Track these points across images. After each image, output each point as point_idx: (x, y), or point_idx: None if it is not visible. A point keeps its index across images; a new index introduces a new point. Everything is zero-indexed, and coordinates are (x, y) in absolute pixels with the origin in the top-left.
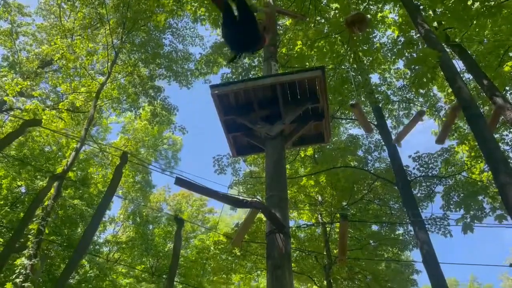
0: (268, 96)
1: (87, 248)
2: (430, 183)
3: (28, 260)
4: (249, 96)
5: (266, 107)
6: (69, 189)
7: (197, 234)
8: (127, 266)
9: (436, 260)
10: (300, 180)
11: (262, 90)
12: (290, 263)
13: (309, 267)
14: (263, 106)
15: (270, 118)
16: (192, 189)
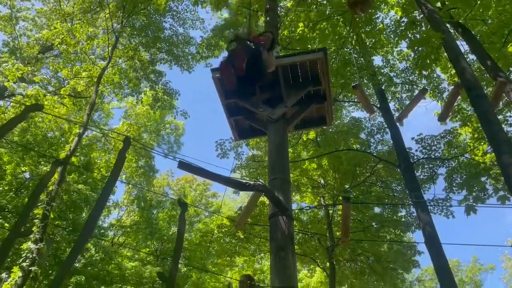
0: (269, 79)
1: (92, 232)
2: (433, 165)
3: (34, 244)
4: None
5: (268, 90)
6: (72, 174)
7: (201, 218)
8: (132, 248)
9: (438, 241)
10: (303, 164)
11: None
12: (293, 244)
13: (312, 249)
14: (265, 89)
15: (271, 101)
16: (195, 172)
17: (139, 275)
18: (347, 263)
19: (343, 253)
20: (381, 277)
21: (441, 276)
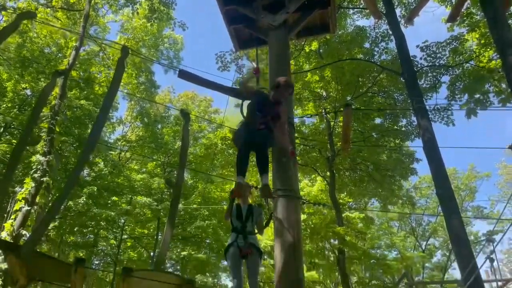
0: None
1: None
2: (437, 73)
3: (43, 157)
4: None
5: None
6: (74, 90)
7: (204, 134)
8: (140, 156)
9: (437, 147)
10: (305, 76)
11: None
12: (294, 150)
13: (313, 159)
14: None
15: (273, 7)
16: (196, 81)
17: (147, 187)
18: (347, 172)
19: (343, 162)
20: (379, 185)
21: (438, 181)
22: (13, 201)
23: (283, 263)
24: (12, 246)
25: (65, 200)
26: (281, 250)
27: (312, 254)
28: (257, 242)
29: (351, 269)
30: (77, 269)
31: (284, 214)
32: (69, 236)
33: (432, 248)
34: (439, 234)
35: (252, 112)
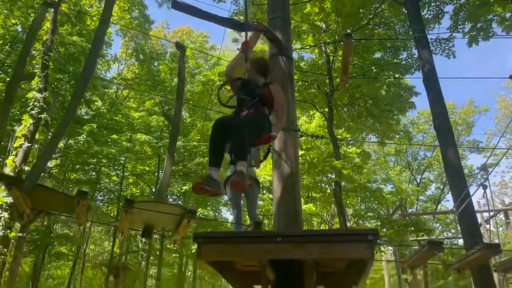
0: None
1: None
2: (440, 2)
3: (39, 93)
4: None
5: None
6: (65, 25)
7: (201, 70)
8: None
9: (436, 78)
10: (304, 7)
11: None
12: (293, 84)
13: (311, 95)
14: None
15: None
16: (190, 12)
17: (146, 124)
18: (345, 108)
19: (341, 97)
20: (377, 119)
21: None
22: (12, 139)
23: (281, 195)
24: (15, 180)
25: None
26: (279, 182)
27: (309, 187)
28: (255, 174)
29: (347, 202)
30: (80, 201)
31: (282, 147)
32: (72, 174)
33: (426, 181)
34: (434, 168)
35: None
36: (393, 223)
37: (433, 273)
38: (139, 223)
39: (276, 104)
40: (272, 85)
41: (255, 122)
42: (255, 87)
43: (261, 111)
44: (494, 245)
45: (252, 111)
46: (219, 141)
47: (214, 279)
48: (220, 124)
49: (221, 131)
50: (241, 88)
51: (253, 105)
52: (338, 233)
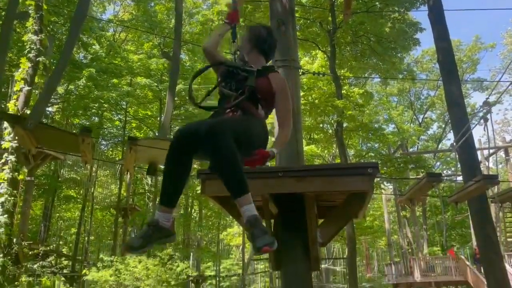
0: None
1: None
2: None
3: (35, 36)
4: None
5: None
6: None
7: (199, 10)
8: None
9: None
10: None
11: None
12: (294, 19)
13: (313, 34)
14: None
15: None
16: None
17: (146, 67)
18: (348, 47)
19: (344, 36)
20: (380, 58)
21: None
22: (12, 84)
23: None
24: (17, 118)
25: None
26: None
27: (311, 129)
28: None
29: (348, 143)
30: (84, 139)
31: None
32: (74, 119)
33: (428, 121)
34: (436, 107)
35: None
36: (394, 161)
37: (431, 209)
38: (144, 160)
39: (279, 105)
40: (273, 74)
41: (242, 132)
42: (247, 74)
43: (252, 112)
44: (492, 176)
45: (239, 113)
46: (180, 168)
47: (219, 218)
48: (184, 139)
49: (186, 149)
50: (225, 77)
51: (240, 104)
52: (338, 166)
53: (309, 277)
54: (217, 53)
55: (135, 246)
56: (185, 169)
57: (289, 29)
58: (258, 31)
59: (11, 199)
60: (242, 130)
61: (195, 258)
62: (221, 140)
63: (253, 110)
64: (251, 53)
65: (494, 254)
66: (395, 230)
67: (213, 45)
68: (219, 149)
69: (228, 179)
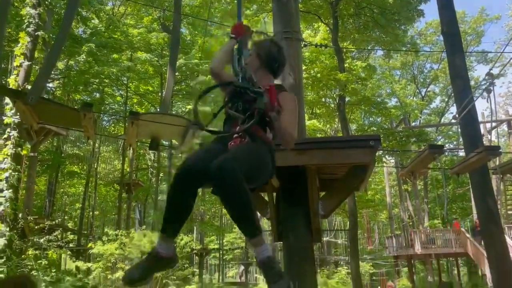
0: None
1: None
2: None
3: (33, 9)
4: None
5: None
6: None
7: None
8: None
9: None
10: None
11: None
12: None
13: (316, 6)
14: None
15: None
16: None
17: (146, 42)
18: (351, 19)
19: (347, 7)
20: (383, 30)
21: (445, 17)
22: (12, 60)
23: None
24: (18, 93)
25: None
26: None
27: (313, 103)
28: None
29: (350, 117)
30: (86, 114)
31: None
32: (75, 95)
33: (431, 94)
34: (439, 81)
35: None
36: (396, 135)
37: (432, 183)
38: (146, 135)
39: (282, 129)
40: (282, 94)
41: (252, 167)
42: (256, 96)
43: (260, 136)
44: (494, 147)
45: (247, 140)
46: (186, 198)
47: None
48: (193, 174)
49: (194, 183)
50: (232, 97)
51: (249, 130)
52: (339, 139)
53: (310, 249)
54: (224, 74)
55: (135, 278)
56: (191, 200)
57: (291, 0)
58: (268, 48)
59: (15, 174)
60: (252, 165)
61: (199, 232)
62: (233, 182)
63: (261, 134)
64: (259, 71)
65: (494, 226)
66: (396, 203)
67: (219, 65)
68: (232, 193)
69: (240, 221)
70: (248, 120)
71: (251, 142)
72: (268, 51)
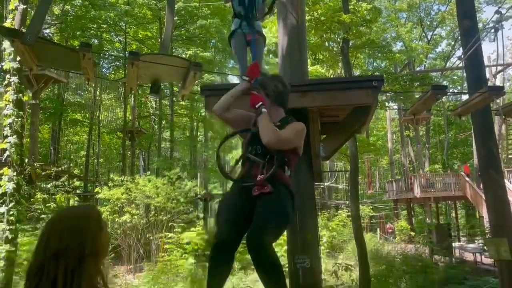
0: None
1: None
2: None
3: None
4: None
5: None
6: None
7: None
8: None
9: None
10: None
11: None
12: None
13: None
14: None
15: None
16: None
17: None
18: None
19: None
20: None
21: None
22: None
23: (286, 45)
24: (15, 32)
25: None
26: (284, 33)
27: (316, 47)
28: (260, 28)
29: (354, 63)
30: (85, 54)
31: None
32: (73, 41)
33: (437, 38)
34: (446, 23)
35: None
36: (400, 79)
37: (434, 128)
38: (146, 78)
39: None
40: (293, 122)
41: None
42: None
43: (281, 179)
44: (498, 88)
45: (268, 189)
46: (225, 270)
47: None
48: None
49: (230, 252)
50: (251, 141)
51: (271, 178)
52: (342, 80)
53: (311, 188)
54: (234, 116)
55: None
56: (230, 264)
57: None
58: (275, 86)
59: (18, 120)
60: (280, 222)
61: (203, 178)
62: (266, 261)
63: (281, 176)
64: (271, 108)
65: (494, 170)
66: (397, 149)
67: (223, 111)
68: (263, 270)
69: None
70: (268, 165)
71: (273, 192)
72: (276, 90)
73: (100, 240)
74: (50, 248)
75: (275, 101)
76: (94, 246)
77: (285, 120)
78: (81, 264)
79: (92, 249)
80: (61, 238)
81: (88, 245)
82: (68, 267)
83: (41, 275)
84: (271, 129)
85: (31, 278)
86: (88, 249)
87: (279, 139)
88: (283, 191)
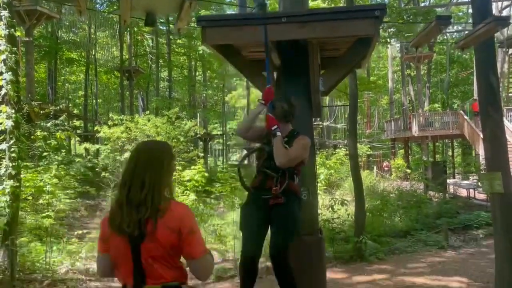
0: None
1: None
2: None
3: None
4: None
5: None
6: None
7: None
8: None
9: None
10: None
11: None
12: None
13: None
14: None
15: None
16: None
17: None
18: None
19: None
20: None
21: None
22: None
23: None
24: None
25: None
26: None
27: None
28: None
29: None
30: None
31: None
32: None
33: None
34: None
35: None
36: (403, 13)
37: (436, 67)
38: (140, 9)
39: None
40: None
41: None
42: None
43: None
44: (503, 17)
45: (282, 200)
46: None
47: (223, 80)
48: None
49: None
50: (266, 157)
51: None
52: (342, 9)
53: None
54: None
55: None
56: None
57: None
58: (281, 107)
59: (12, 56)
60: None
61: (202, 118)
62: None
63: (292, 186)
64: (280, 125)
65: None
66: (398, 89)
67: (246, 131)
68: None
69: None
70: (281, 178)
71: (286, 202)
72: (282, 110)
73: (171, 164)
74: (141, 160)
75: (282, 119)
76: (170, 166)
77: (292, 134)
78: (161, 176)
79: (168, 167)
80: (150, 153)
81: (165, 164)
82: (152, 174)
83: (133, 177)
84: (283, 153)
85: (125, 177)
86: (165, 167)
87: (289, 160)
88: (293, 199)
